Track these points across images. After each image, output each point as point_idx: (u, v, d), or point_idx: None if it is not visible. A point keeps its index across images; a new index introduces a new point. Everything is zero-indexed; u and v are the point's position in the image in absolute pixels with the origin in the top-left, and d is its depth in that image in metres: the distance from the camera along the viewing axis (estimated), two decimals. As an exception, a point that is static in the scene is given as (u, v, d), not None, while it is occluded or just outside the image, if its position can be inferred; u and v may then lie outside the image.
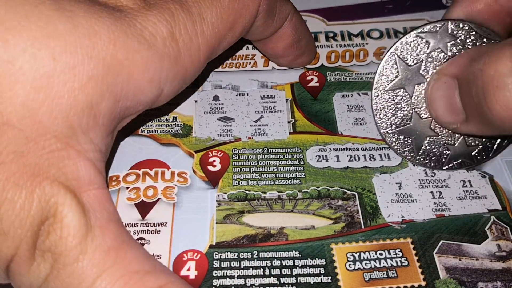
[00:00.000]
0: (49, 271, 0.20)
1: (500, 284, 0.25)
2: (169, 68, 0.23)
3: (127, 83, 0.22)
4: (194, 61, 0.25)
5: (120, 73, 0.21)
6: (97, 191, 0.21)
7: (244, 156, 0.30)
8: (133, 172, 0.29)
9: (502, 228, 0.27)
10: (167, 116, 0.32)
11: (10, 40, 0.19)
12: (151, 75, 0.23)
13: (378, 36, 0.37)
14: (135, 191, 0.28)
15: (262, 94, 0.34)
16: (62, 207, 0.19)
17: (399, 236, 0.27)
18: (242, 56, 0.36)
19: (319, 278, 0.25)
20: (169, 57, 0.23)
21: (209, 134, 0.31)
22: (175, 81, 0.24)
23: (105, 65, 0.21)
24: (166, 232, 0.27)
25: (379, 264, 0.26)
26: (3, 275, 0.21)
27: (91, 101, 0.21)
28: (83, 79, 0.20)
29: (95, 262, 0.20)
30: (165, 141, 0.31)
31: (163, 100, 0.25)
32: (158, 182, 0.29)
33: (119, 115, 0.23)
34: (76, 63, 0.20)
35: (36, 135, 0.20)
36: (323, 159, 0.30)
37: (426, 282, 0.25)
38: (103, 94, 0.21)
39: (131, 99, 0.22)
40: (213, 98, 0.33)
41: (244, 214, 0.28)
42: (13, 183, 0.19)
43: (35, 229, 0.19)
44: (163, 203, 0.28)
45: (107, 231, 0.20)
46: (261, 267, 0.26)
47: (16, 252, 0.19)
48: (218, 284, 0.25)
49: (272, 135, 0.31)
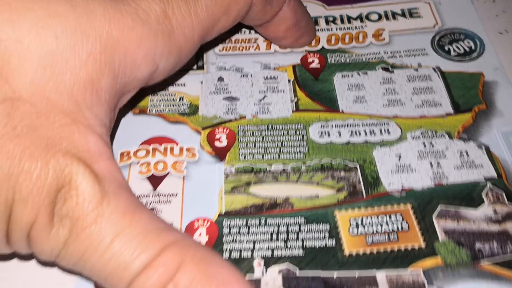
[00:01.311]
0: (68, 235, 0.21)
1: (496, 244, 0.26)
2: (163, 45, 0.25)
3: (124, 59, 0.23)
4: (188, 40, 0.26)
5: (117, 50, 0.23)
6: (107, 161, 0.22)
7: (249, 133, 0.32)
8: (143, 148, 0.30)
9: (497, 194, 0.28)
10: (174, 96, 0.33)
11: (16, 20, 0.21)
12: (146, 51, 0.24)
13: (377, 18, 0.38)
14: (145, 165, 0.29)
15: (265, 75, 0.35)
16: (76, 176, 0.21)
17: (400, 203, 0.28)
18: (245, 39, 0.37)
19: (323, 241, 0.26)
20: (163, 34, 0.24)
21: (215, 112, 0.33)
22: (170, 58, 0.25)
23: (102, 43, 0.22)
24: (177, 202, 0.28)
25: (381, 228, 0.27)
26: (25, 244, 0.22)
27: (91, 77, 0.22)
28: (82, 57, 0.22)
29: (112, 224, 0.21)
30: (173, 119, 0.32)
31: (159, 77, 0.26)
32: (168, 157, 0.30)
33: (119, 91, 0.24)
34: (76, 41, 0.22)
35: (46, 110, 0.21)
36: (326, 135, 0.31)
37: (426, 244, 0.26)
38: (102, 70, 0.22)
39: (129, 75, 0.24)
40: (218, 79, 0.35)
41: (251, 185, 0.29)
42: (28, 155, 0.20)
43: (52, 197, 0.20)
44: (173, 176, 0.29)
45: (121, 196, 0.22)
46: (269, 232, 0.27)
47: (35, 219, 0.21)
48: (229, 248, 0.26)
49: (275, 113, 0.33)
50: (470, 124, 0.31)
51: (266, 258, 0.26)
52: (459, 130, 0.31)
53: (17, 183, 0.20)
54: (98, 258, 0.21)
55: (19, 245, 0.22)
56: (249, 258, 0.26)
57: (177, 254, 0.21)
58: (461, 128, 0.31)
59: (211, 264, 0.21)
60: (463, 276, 0.25)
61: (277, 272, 0.25)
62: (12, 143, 0.20)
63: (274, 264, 0.26)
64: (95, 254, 0.21)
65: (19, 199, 0.20)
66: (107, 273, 0.21)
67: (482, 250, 0.26)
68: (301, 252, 0.26)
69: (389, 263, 0.26)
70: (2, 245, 0.22)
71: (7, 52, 0.20)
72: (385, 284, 0.25)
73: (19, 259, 0.25)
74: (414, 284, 0.25)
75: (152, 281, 0.20)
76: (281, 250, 0.26)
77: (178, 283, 0.20)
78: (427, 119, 0.32)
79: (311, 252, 0.26)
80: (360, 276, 0.25)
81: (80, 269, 0.22)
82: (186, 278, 0.20)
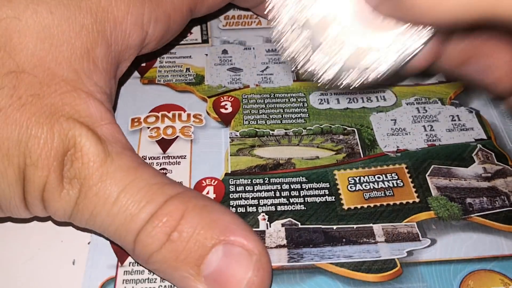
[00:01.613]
0: (78, 194, 0.23)
1: (486, 199, 0.28)
2: (150, 12, 0.26)
3: (114, 28, 0.25)
4: (177, 8, 0.28)
5: (107, 19, 0.25)
6: (109, 125, 0.24)
7: (253, 100, 0.33)
8: (152, 115, 0.32)
9: (487, 154, 0.30)
10: (181, 67, 0.35)
11: (13, 0, 0.22)
12: (134, 18, 0.26)
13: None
14: (155, 130, 0.31)
15: (267, 48, 0.37)
16: (79, 138, 0.22)
17: (395, 163, 0.30)
18: (247, 15, 0.39)
19: (324, 198, 0.28)
20: (150, 1, 0.26)
21: (220, 82, 0.34)
22: (158, 25, 0.27)
23: (93, 14, 0.24)
24: (185, 163, 0.30)
25: (377, 185, 0.29)
26: (41, 207, 0.23)
27: (86, 47, 0.24)
28: (76, 28, 0.24)
29: (117, 180, 0.22)
30: (180, 88, 0.34)
31: (151, 44, 0.28)
32: (176, 122, 0.32)
33: (115, 60, 0.26)
34: (69, 14, 0.23)
35: (48, 80, 0.23)
36: (325, 102, 0.33)
37: (419, 199, 0.28)
38: (95, 40, 0.24)
39: (121, 43, 0.26)
40: (222, 52, 0.36)
41: (255, 148, 0.31)
42: (35, 122, 0.22)
43: (59, 159, 0.22)
44: (181, 140, 0.31)
45: (124, 155, 0.23)
46: (272, 190, 0.29)
47: (46, 180, 0.22)
48: (235, 204, 0.28)
49: (277, 82, 0.34)
50: (462, 91, 0.33)
51: (270, 212, 0.28)
52: (451, 96, 0.33)
53: (26, 149, 0.22)
54: (107, 213, 0.22)
55: (35, 208, 0.23)
56: (254, 212, 0.28)
57: (180, 204, 0.22)
58: (453, 94, 0.33)
59: (212, 212, 0.23)
60: (454, 227, 0.27)
61: (280, 225, 0.27)
62: (19, 112, 0.22)
63: (278, 218, 0.27)
64: (104, 209, 0.22)
65: (30, 163, 0.22)
66: (116, 226, 0.23)
67: (473, 204, 0.28)
68: (302, 207, 0.28)
69: (385, 216, 0.27)
70: (22, 210, 0.24)
71: (8, 30, 0.22)
72: (382, 235, 0.27)
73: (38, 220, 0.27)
74: (408, 235, 0.27)
75: (157, 230, 0.22)
76: (284, 206, 0.28)
77: (183, 230, 0.22)
78: (421, 86, 0.34)
79: (312, 207, 0.28)
80: (358, 228, 0.27)
81: (92, 226, 0.24)
82: (190, 225, 0.22)
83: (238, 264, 0.22)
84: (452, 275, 0.25)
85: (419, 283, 0.25)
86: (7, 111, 0.21)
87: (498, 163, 0.30)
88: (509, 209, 0.27)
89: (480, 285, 0.24)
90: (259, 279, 0.22)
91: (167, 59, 0.36)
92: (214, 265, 0.22)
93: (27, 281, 0.25)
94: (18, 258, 0.26)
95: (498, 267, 0.25)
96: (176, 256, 0.22)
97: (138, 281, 0.25)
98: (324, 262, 0.25)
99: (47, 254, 0.26)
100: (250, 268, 0.22)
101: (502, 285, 0.24)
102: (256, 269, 0.22)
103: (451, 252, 0.26)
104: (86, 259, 0.26)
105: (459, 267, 0.25)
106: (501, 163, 0.30)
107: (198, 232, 0.22)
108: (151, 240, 0.22)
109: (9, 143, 0.22)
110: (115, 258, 0.26)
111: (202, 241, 0.22)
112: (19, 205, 0.23)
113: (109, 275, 0.25)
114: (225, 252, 0.22)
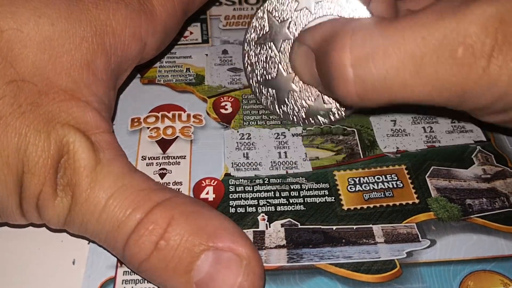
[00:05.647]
0: (71, 202, 0.23)
1: (486, 200, 0.28)
2: (147, 23, 0.27)
3: (113, 40, 0.25)
4: (171, 15, 0.28)
5: (106, 32, 0.25)
6: (104, 134, 0.24)
7: (253, 101, 0.33)
8: (152, 115, 0.32)
9: (487, 156, 0.30)
10: (181, 67, 0.35)
11: (16, 11, 0.23)
12: (132, 30, 0.26)
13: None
14: (155, 130, 0.31)
15: (267, 48, 0.37)
16: (73, 144, 0.23)
17: (394, 163, 0.30)
18: (247, 15, 0.39)
19: (323, 198, 0.28)
20: (145, 13, 0.27)
21: (220, 82, 0.34)
22: (156, 35, 0.28)
23: (92, 27, 0.25)
24: (185, 164, 0.30)
25: (377, 186, 0.29)
26: (36, 214, 0.23)
27: (86, 59, 0.24)
28: (76, 40, 0.24)
29: (106, 187, 0.23)
30: (180, 88, 0.34)
31: (150, 54, 0.29)
32: (176, 122, 0.32)
33: (114, 71, 0.26)
34: (70, 27, 0.24)
35: (46, 89, 0.23)
36: (325, 103, 0.33)
37: (419, 200, 0.28)
38: (95, 52, 0.25)
39: (120, 55, 0.26)
40: (222, 52, 0.36)
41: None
42: (33, 129, 0.22)
43: (55, 167, 0.22)
44: (181, 140, 0.31)
45: (115, 162, 0.23)
46: (272, 190, 0.29)
47: (41, 189, 0.22)
48: (235, 204, 0.28)
49: (277, 83, 0.34)
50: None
51: (270, 213, 0.28)
52: (451, 98, 0.33)
53: (25, 156, 0.22)
54: (96, 220, 0.23)
55: (31, 215, 0.24)
56: (254, 212, 0.28)
57: (166, 211, 0.22)
58: (453, 95, 0.33)
59: (200, 217, 0.23)
60: (454, 228, 0.27)
61: (280, 226, 0.27)
62: (18, 120, 0.22)
63: (277, 218, 0.27)
64: (93, 216, 0.23)
65: (28, 170, 0.22)
66: (105, 234, 0.23)
67: (472, 205, 0.28)
68: (302, 208, 0.28)
69: (385, 217, 0.27)
70: (18, 217, 0.24)
71: (10, 41, 0.23)
72: (381, 236, 0.27)
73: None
74: (408, 236, 0.27)
75: (144, 238, 0.22)
76: (284, 206, 0.28)
77: (170, 238, 0.22)
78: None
79: (312, 207, 0.28)
80: (357, 228, 0.27)
81: (84, 233, 0.24)
82: (176, 232, 0.22)
83: (227, 269, 0.22)
84: (452, 276, 0.25)
85: (418, 283, 0.25)
86: (7, 119, 0.22)
87: (498, 165, 0.30)
88: (508, 210, 0.27)
89: (480, 286, 0.25)
90: (249, 283, 0.22)
91: (167, 59, 0.36)
92: (204, 272, 0.22)
93: (27, 281, 0.25)
94: (18, 258, 0.26)
95: (498, 267, 0.25)
96: (166, 264, 0.22)
97: (138, 281, 0.25)
98: (323, 263, 0.25)
99: (47, 254, 0.26)
100: (240, 273, 0.22)
101: (502, 285, 0.24)
102: (246, 273, 0.22)
103: (451, 253, 0.26)
104: (86, 259, 0.26)
105: (458, 268, 0.25)
106: (501, 164, 0.30)
107: (186, 239, 0.22)
108: (138, 249, 0.22)
109: (9, 151, 0.22)
110: (115, 258, 0.26)
111: (190, 248, 0.22)
112: (15, 212, 0.23)
113: (109, 275, 0.25)
114: (214, 258, 0.22)
